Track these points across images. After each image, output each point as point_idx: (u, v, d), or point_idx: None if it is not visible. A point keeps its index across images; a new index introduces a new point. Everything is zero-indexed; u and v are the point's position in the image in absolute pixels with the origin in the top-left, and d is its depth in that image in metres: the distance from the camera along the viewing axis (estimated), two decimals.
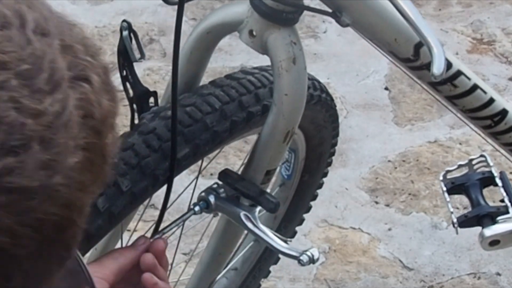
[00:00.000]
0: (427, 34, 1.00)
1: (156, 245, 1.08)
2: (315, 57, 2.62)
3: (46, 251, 0.55)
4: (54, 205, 0.54)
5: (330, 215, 2.17)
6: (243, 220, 1.16)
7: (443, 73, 0.98)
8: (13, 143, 0.52)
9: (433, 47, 0.99)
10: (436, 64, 0.97)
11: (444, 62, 0.98)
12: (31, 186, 0.53)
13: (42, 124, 0.53)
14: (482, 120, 1.34)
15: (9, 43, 0.54)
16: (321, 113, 1.42)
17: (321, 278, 2.03)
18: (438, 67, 0.97)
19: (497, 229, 1.39)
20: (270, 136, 1.16)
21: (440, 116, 2.45)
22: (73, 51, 0.58)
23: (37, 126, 0.53)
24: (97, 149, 0.57)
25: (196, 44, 1.20)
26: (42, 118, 0.53)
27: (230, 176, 1.18)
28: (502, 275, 2.04)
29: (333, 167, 2.24)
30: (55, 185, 0.54)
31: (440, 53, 0.99)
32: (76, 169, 0.55)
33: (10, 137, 0.52)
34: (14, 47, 0.54)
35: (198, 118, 1.13)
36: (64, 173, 0.54)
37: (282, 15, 1.11)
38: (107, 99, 0.59)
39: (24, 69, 0.54)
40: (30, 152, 0.53)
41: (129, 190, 1.06)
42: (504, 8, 2.84)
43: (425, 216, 2.18)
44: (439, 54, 0.98)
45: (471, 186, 1.45)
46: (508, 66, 2.63)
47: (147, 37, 2.62)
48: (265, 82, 1.25)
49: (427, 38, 1.00)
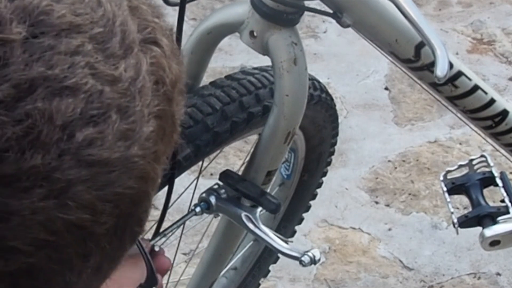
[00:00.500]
0: (430, 35, 1.00)
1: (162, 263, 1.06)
2: (315, 57, 2.62)
3: (121, 227, 0.53)
4: (131, 178, 0.52)
5: (330, 215, 2.17)
6: (244, 220, 1.16)
7: (446, 75, 0.98)
8: (92, 112, 0.49)
9: (437, 48, 0.99)
10: (440, 66, 0.97)
11: (448, 64, 0.98)
12: (112, 158, 0.50)
13: (119, 91, 0.51)
14: (482, 120, 1.34)
15: (81, 4, 0.51)
16: (321, 113, 1.42)
17: (321, 278, 2.03)
18: (442, 69, 0.97)
19: (498, 230, 1.39)
20: (271, 137, 1.16)
21: (440, 116, 2.45)
22: (140, 12, 0.54)
23: (114, 94, 0.50)
24: (168, 116, 0.55)
25: (196, 44, 1.20)
26: (118, 84, 0.51)
27: (231, 176, 1.18)
28: (502, 275, 2.04)
29: (333, 167, 2.24)
30: (133, 157, 0.51)
31: (444, 55, 0.98)
32: (151, 139, 0.52)
33: (90, 106, 0.49)
34: (85, 9, 0.51)
35: (199, 119, 1.13)
36: (141, 143, 0.52)
37: (283, 16, 1.10)
38: (175, 63, 0.56)
39: (97, 32, 0.51)
40: (110, 121, 0.50)
41: None
42: (504, 8, 2.84)
43: (425, 216, 2.18)
44: (443, 56, 0.98)
45: (471, 186, 1.45)
46: (508, 66, 2.63)
47: None
48: (265, 83, 1.25)
49: (430, 39, 1.00)
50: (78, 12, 0.50)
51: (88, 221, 0.50)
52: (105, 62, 0.50)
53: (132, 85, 0.51)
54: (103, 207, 0.51)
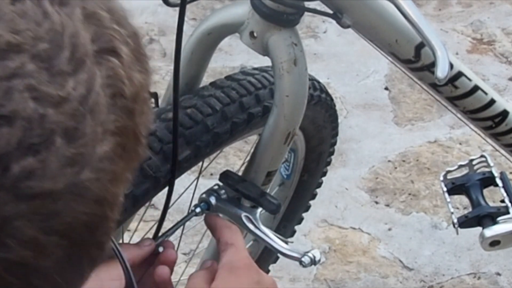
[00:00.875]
0: (430, 36, 1.00)
1: (169, 256, 1.05)
2: (315, 57, 2.62)
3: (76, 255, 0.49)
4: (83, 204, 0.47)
5: (330, 215, 2.17)
6: (244, 221, 1.16)
7: (447, 76, 0.98)
8: (32, 141, 0.45)
9: (437, 50, 0.99)
10: (440, 67, 0.97)
11: (448, 65, 0.98)
12: (56, 188, 0.46)
13: (65, 112, 0.46)
14: (483, 121, 1.34)
15: (23, 19, 0.47)
16: (321, 113, 1.42)
17: (321, 278, 2.03)
18: (442, 70, 0.97)
19: (498, 230, 1.39)
20: (271, 137, 1.16)
21: (440, 116, 2.45)
22: (97, 19, 0.50)
23: (59, 116, 0.46)
24: (129, 131, 0.51)
25: (197, 45, 1.19)
26: (64, 105, 0.46)
27: (231, 177, 1.18)
28: (502, 275, 2.04)
29: (333, 167, 2.24)
30: (83, 182, 0.47)
31: (444, 56, 0.98)
32: (106, 159, 0.48)
33: (29, 133, 0.45)
34: (28, 24, 0.46)
35: (199, 120, 1.13)
36: (93, 166, 0.47)
37: (283, 16, 1.10)
38: (138, 70, 0.52)
39: (42, 49, 0.46)
40: (53, 148, 0.46)
41: (130, 192, 1.05)
42: (504, 8, 2.84)
43: (425, 216, 2.18)
44: (443, 57, 0.98)
45: (471, 187, 1.45)
46: (508, 66, 2.63)
47: (147, 37, 2.62)
48: (265, 83, 1.25)
49: (430, 40, 1.00)
50: (19, 29, 0.46)
51: (30, 257, 0.46)
52: (49, 82, 0.46)
53: (83, 104, 0.47)
54: (48, 239, 0.46)
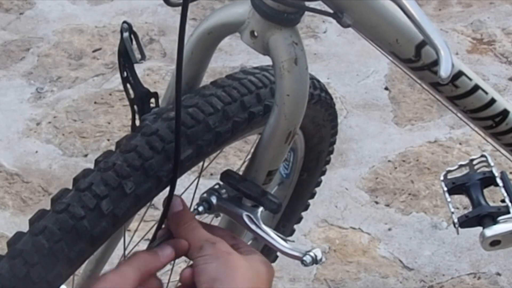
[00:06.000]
0: (434, 35, 0.99)
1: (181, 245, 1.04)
2: (315, 57, 2.63)
3: None
4: None
5: (330, 215, 2.18)
6: (246, 221, 1.16)
7: (450, 75, 0.98)
8: None
9: (440, 49, 0.98)
10: (444, 66, 0.97)
11: (452, 65, 0.98)
12: None
13: None
14: (483, 120, 1.34)
15: None
16: (321, 112, 1.42)
17: (321, 278, 2.04)
18: (446, 70, 0.97)
19: (498, 229, 1.39)
20: (271, 136, 1.16)
21: (440, 116, 2.45)
22: None
23: None
24: None
25: (197, 44, 1.19)
26: None
27: (232, 176, 1.17)
28: (502, 275, 2.05)
29: (333, 167, 2.25)
30: None
31: (447, 55, 0.98)
32: None
33: None
34: None
35: (201, 119, 1.13)
36: None
37: (284, 16, 1.10)
38: None
39: None
40: None
41: (133, 192, 1.05)
42: (504, 8, 2.84)
43: (425, 216, 2.18)
44: (446, 56, 0.98)
45: (471, 186, 1.46)
46: (508, 66, 2.63)
47: (147, 37, 2.62)
48: (266, 82, 1.25)
49: (433, 40, 0.99)
50: None
51: None
52: None
53: None
54: None
